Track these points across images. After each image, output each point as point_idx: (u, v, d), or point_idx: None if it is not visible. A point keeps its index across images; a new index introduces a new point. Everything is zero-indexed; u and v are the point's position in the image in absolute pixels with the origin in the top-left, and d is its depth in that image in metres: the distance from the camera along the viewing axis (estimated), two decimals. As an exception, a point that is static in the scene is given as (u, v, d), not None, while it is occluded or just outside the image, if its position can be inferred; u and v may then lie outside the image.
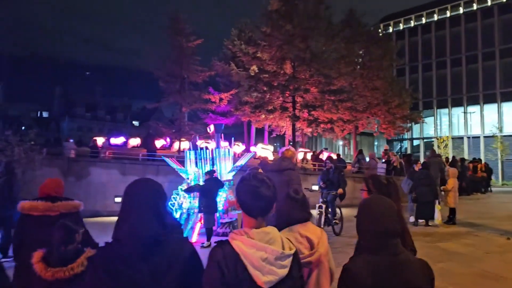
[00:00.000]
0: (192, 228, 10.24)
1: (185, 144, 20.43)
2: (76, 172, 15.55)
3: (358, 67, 22.02)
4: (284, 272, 1.79)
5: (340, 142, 38.12)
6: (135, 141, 23.54)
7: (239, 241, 1.79)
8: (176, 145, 21.38)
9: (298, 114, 20.55)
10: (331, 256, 2.81)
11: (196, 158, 11.76)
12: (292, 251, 1.85)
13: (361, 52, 23.61)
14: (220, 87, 26.22)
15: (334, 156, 18.23)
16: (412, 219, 11.68)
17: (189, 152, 11.96)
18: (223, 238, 1.84)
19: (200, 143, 15.50)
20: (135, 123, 64.82)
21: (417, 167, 12.44)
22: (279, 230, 1.96)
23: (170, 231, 1.97)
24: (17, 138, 13.23)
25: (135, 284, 1.74)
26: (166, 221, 1.91)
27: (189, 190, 10.08)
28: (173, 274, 1.80)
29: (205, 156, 11.61)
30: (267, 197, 1.86)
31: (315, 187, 16.56)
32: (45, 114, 63.07)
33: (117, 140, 20.82)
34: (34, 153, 13.16)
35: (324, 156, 18.74)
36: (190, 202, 10.86)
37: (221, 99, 23.47)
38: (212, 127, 13.90)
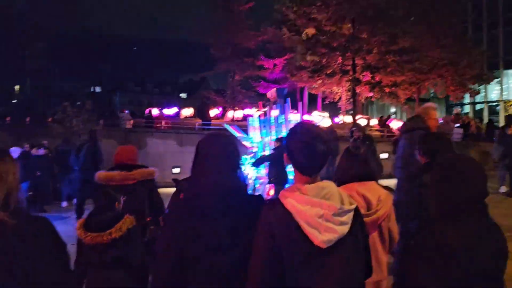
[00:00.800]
0: (260, 201, 9.31)
1: (239, 113, 19.53)
2: (133, 143, 15.07)
3: (425, 25, 19.69)
4: (344, 229, 1.59)
5: (393, 109, 35.78)
6: (187, 111, 23.01)
7: (291, 199, 1.62)
8: (229, 114, 20.56)
9: (359, 78, 18.85)
10: (394, 222, 2.63)
11: (260, 126, 10.75)
12: (353, 206, 1.67)
13: (427, 8, 21.13)
14: (272, 54, 24.94)
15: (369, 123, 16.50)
16: (503, 189, 10.26)
17: (253, 120, 10.97)
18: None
19: (255, 111, 14.42)
20: (183, 95, 65.03)
21: (510, 131, 10.82)
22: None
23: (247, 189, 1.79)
24: (74, 109, 12.86)
25: (215, 239, 1.62)
26: (243, 178, 1.77)
27: (259, 162, 9.05)
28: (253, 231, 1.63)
29: (270, 123, 10.55)
30: (322, 152, 1.68)
31: (384, 155, 15.15)
32: (97, 90, 64.56)
33: (170, 111, 20.20)
34: (92, 124, 12.73)
35: (394, 124, 17.10)
36: (257, 172, 9.89)
37: (275, 65, 22.15)
38: (273, 91, 12.79)
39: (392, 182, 4.13)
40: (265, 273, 1.57)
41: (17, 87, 35.52)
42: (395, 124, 17.27)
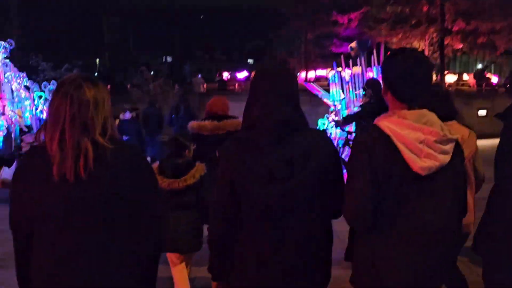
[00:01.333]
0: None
1: (311, 74, 18.52)
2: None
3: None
4: (445, 159, 1.50)
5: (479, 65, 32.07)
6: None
7: (389, 122, 1.53)
8: (302, 75, 19.58)
9: (449, 27, 16.68)
10: (480, 162, 2.58)
11: (342, 82, 9.80)
12: (455, 137, 1.55)
13: None
14: (345, 7, 23.17)
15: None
16: None
17: (334, 76, 10.04)
18: None
19: (328, 71, 13.39)
20: (250, 61, 64.61)
21: None
22: None
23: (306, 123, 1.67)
24: (151, 74, 12.83)
25: (266, 171, 1.53)
26: (300, 110, 1.66)
27: (346, 122, 8.15)
28: (311, 166, 1.54)
29: (352, 78, 9.55)
30: (424, 78, 1.57)
31: (482, 112, 13.40)
32: (169, 59, 66.26)
33: (241, 75, 19.74)
34: (168, 88, 12.65)
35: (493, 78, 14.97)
36: (342, 131, 9.04)
37: (350, 20, 20.51)
38: (354, 44, 11.68)
39: (488, 143, 3.64)
40: (367, 191, 1.49)
41: (97, 60, 37.40)
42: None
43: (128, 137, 8.90)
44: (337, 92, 9.67)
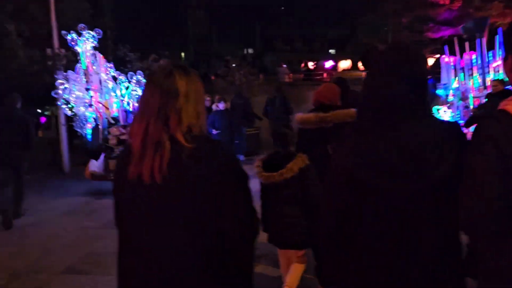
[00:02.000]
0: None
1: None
2: (294, 97, 13.94)
3: None
4: None
5: None
6: (345, 63, 20.86)
7: None
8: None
9: None
10: None
11: (456, 68, 8.20)
12: None
13: None
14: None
15: None
16: None
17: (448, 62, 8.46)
18: None
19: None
20: (332, 51, 62.36)
21: None
22: None
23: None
24: (236, 64, 12.23)
25: (383, 161, 1.31)
26: (426, 96, 1.40)
27: (470, 123, 6.62)
28: (444, 166, 1.27)
29: (471, 63, 7.91)
30: None
31: None
32: (250, 51, 66.53)
33: (328, 63, 18.45)
34: (253, 77, 11.95)
35: None
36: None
37: (452, 0, 18.06)
38: (469, 24, 9.90)
39: None
40: (496, 188, 1.20)
41: (182, 54, 38.50)
42: None
43: (219, 131, 8.37)
44: (452, 80, 8.10)
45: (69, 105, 7.35)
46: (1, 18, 9.36)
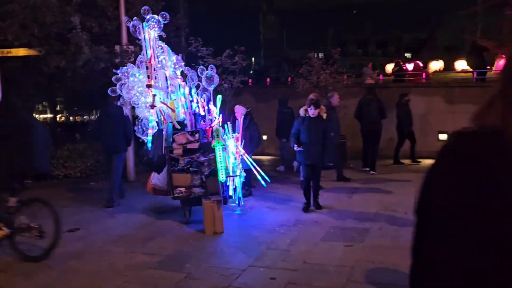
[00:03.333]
0: None
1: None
2: (384, 99, 11.72)
3: None
4: None
5: None
6: (437, 65, 17.96)
7: None
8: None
9: None
10: None
11: None
12: None
13: None
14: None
15: None
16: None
17: None
18: None
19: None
20: (407, 55, 57.75)
21: None
22: None
23: None
24: (320, 62, 10.32)
25: None
26: None
27: None
28: None
29: None
30: None
31: None
32: (320, 55, 64.01)
33: (409, 66, 15.71)
34: (341, 77, 9.97)
35: None
36: None
37: None
38: None
39: None
40: None
41: (253, 59, 37.14)
42: None
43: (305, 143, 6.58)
44: None
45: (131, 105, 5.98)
46: (68, 11, 8.39)
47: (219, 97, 6.35)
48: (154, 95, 5.56)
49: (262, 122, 13.62)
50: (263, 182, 6.46)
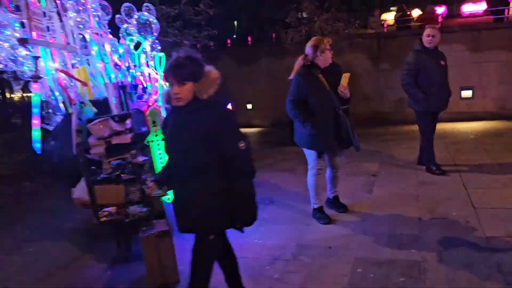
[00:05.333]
0: None
1: None
2: (386, 53, 9.29)
3: None
4: None
5: None
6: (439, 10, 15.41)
7: None
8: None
9: None
10: None
11: None
12: None
13: None
14: None
15: None
16: None
17: None
18: None
19: None
20: None
21: None
22: None
23: None
24: (313, 6, 7.77)
25: None
26: None
27: None
28: None
29: None
30: None
31: None
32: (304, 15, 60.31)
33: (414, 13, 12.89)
34: (342, 25, 7.46)
35: None
36: None
37: None
38: None
39: None
40: None
41: (235, 22, 34.24)
42: None
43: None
44: None
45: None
46: None
47: (158, 55, 3.84)
48: (36, 58, 3.08)
49: (246, 88, 11.24)
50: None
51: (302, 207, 4.51)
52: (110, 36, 4.08)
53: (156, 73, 4.09)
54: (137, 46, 4.33)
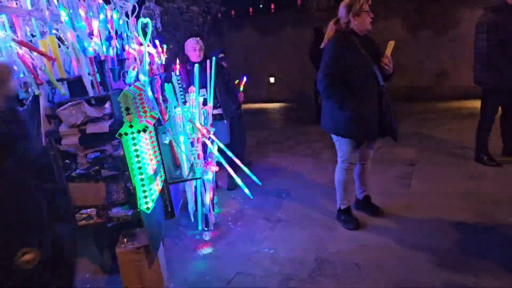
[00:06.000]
0: None
1: None
2: (439, 21, 8.11)
3: None
4: None
5: None
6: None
7: None
8: None
9: None
10: None
11: None
12: None
13: None
14: None
15: None
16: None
17: None
18: None
19: None
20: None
21: None
22: None
23: None
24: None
25: None
26: None
27: None
28: None
29: None
30: None
31: None
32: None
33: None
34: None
35: None
36: None
37: None
38: None
39: None
40: None
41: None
42: None
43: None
44: None
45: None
46: None
47: (144, 20, 3.07)
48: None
49: (268, 60, 10.33)
50: (256, 180, 3.34)
51: (324, 204, 3.76)
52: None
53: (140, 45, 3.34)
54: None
